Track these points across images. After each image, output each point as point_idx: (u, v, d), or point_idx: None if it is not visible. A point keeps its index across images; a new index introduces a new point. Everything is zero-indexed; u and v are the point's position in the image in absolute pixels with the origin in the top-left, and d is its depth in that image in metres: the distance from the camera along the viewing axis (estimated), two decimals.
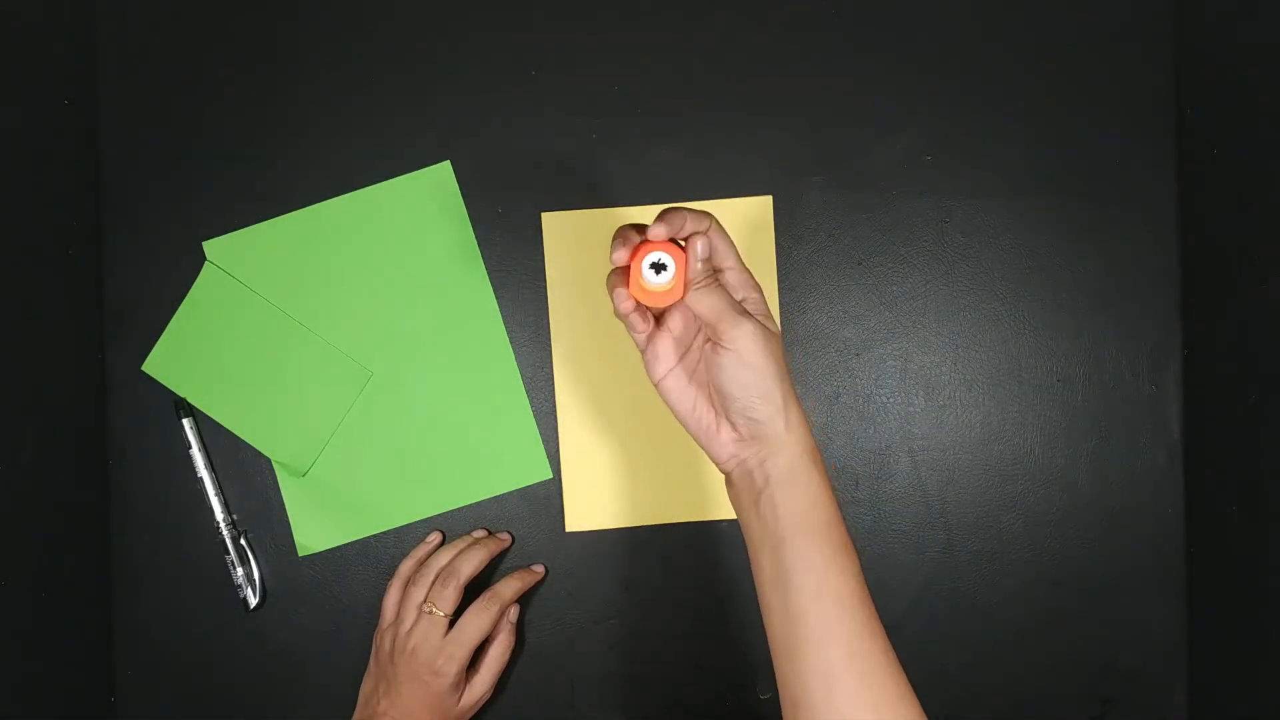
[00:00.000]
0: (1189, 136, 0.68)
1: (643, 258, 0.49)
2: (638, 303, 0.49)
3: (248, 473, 0.70)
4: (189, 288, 0.70)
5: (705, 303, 0.49)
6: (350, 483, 0.70)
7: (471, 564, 0.66)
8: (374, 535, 0.70)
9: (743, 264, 0.51)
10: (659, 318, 0.51)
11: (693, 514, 0.69)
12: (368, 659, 0.68)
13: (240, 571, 0.69)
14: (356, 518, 0.70)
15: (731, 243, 0.51)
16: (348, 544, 0.70)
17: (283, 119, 0.70)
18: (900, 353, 0.70)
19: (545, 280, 0.69)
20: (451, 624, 0.64)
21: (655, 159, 0.69)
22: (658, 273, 0.48)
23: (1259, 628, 0.65)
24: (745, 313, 0.49)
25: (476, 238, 0.70)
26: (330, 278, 0.70)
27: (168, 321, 0.70)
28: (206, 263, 0.68)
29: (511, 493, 0.70)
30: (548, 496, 0.70)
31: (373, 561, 0.70)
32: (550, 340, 0.69)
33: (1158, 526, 0.69)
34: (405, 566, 0.68)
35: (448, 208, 0.70)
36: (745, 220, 0.69)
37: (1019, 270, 0.69)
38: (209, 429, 0.70)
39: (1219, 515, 0.68)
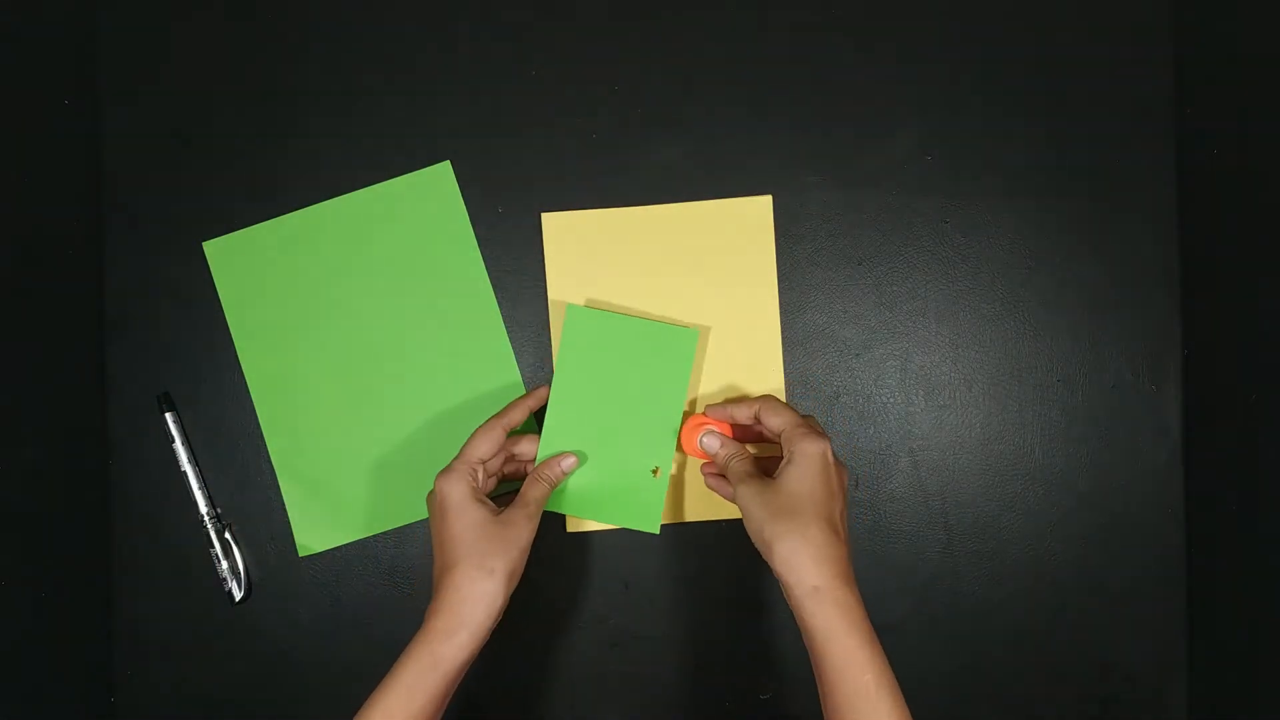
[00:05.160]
0: (1189, 136, 0.68)
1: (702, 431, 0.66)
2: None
3: (248, 472, 0.70)
4: (189, 288, 0.70)
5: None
6: (350, 483, 0.70)
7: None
8: (374, 535, 0.70)
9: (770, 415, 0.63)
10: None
11: (693, 514, 0.69)
12: (367, 659, 0.68)
13: (225, 564, 0.69)
14: (356, 518, 0.70)
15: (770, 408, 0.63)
16: (348, 544, 0.70)
17: (283, 119, 0.70)
18: (900, 353, 0.70)
19: (545, 280, 0.69)
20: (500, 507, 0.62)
21: (655, 159, 0.69)
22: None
23: (1259, 628, 0.65)
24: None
25: (476, 238, 0.70)
26: (330, 278, 0.70)
27: (167, 322, 0.70)
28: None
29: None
30: None
31: (373, 561, 0.70)
32: (550, 340, 0.69)
33: (1158, 526, 0.69)
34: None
35: (448, 208, 0.70)
36: (745, 220, 0.69)
37: (1019, 270, 0.69)
38: (203, 427, 0.70)
39: (1219, 515, 0.68)
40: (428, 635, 0.57)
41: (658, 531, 0.67)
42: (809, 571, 0.55)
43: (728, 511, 0.69)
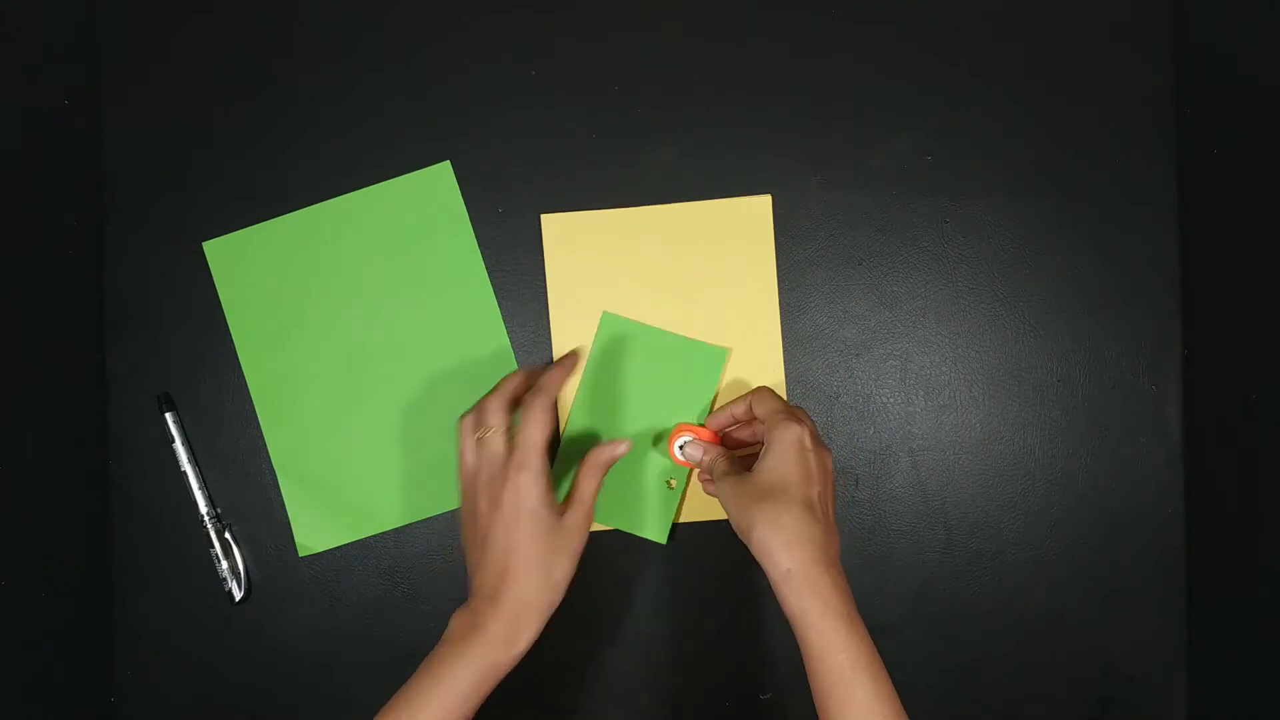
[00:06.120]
0: (1189, 136, 0.68)
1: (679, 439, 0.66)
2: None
3: (248, 472, 0.70)
4: (189, 288, 0.70)
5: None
6: (350, 483, 0.70)
7: (510, 380, 0.63)
8: (374, 535, 0.70)
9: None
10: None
11: (693, 514, 0.69)
12: (367, 659, 0.68)
13: (225, 564, 0.69)
14: (356, 518, 0.70)
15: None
16: (348, 544, 0.70)
17: (283, 119, 0.70)
18: (900, 353, 0.70)
19: (545, 280, 0.69)
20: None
21: (655, 159, 0.69)
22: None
23: (1259, 628, 0.65)
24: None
25: (476, 238, 0.70)
26: (330, 278, 0.70)
27: (167, 322, 0.70)
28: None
29: None
30: None
31: (373, 561, 0.70)
32: (550, 340, 0.69)
33: (1158, 526, 0.69)
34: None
35: (448, 208, 0.70)
36: (745, 220, 0.69)
37: (1019, 270, 0.69)
38: (203, 427, 0.70)
39: (1219, 515, 0.68)
40: (488, 641, 0.56)
41: (665, 542, 0.68)
42: (782, 555, 0.55)
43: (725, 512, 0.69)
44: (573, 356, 0.68)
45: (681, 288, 0.69)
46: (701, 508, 0.69)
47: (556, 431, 0.68)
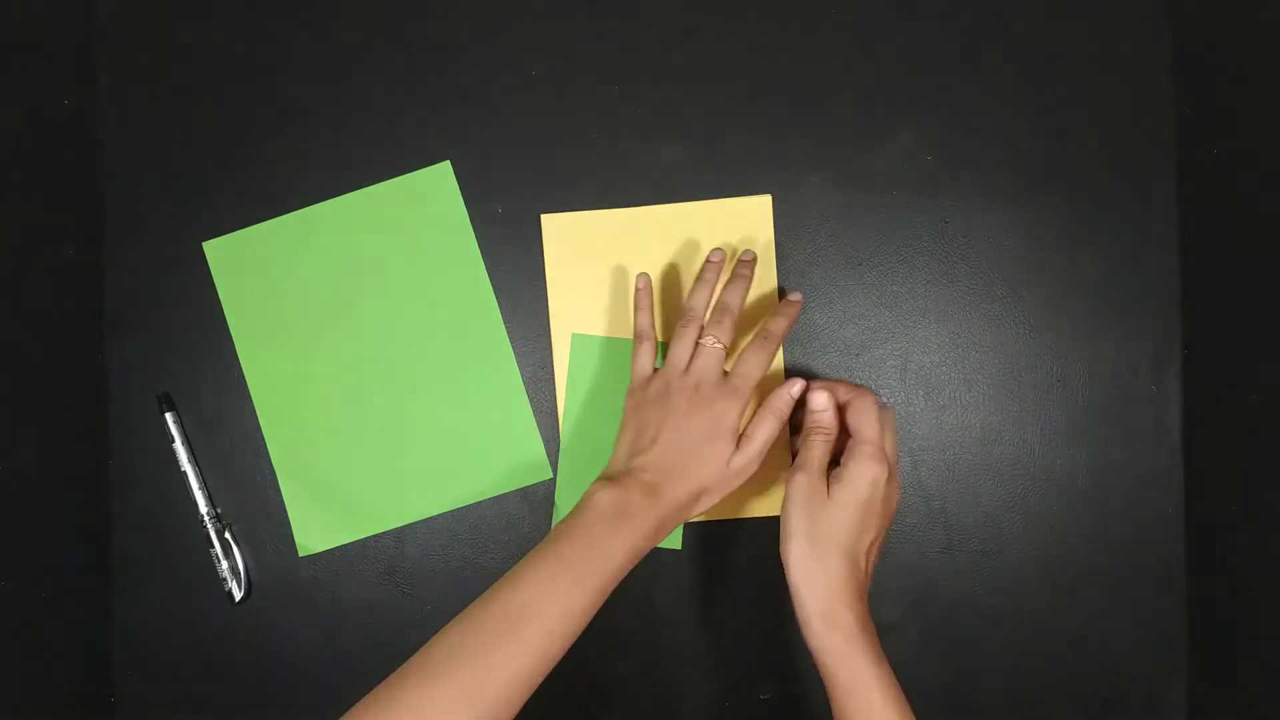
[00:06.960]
0: (1189, 137, 0.69)
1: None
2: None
3: (248, 472, 0.70)
4: (189, 288, 0.70)
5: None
6: (350, 483, 0.70)
7: (738, 294, 0.63)
8: (374, 535, 0.70)
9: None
10: None
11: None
12: (367, 659, 0.68)
13: (225, 564, 0.69)
14: (356, 518, 0.70)
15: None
16: (348, 544, 0.70)
17: (282, 119, 0.70)
18: (900, 353, 0.70)
19: (545, 280, 0.69)
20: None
21: (655, 159, 0.69)
22: None
23: (1259, 629, 0.65)
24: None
25: (476, 238, 0.70)
26: (330, 278, 0.70)
27: (167, 322, 0.70)
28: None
29: (511, 492, 0.70)
30: (547, 497, 0.70)
31: (373, 561, 0.70)
32: (550, 340, 0.69)
33: (1158, 526, 0.69)
34: (639, 320, 0.65)
35: (448, 208, 0.70)
36: (745, 220, 0.69)
37: (1019, 270, 0.69)
38: (203, 427, 0.70)
39: (1219, 516, 0.68)
40: (641, 529, 0.57)
41: (680, 547, 0.68)
42: (818, 597, 0.57)
43: (728, 512, 0.69)
44: (798, 296, 0.66)
45: (682, 288, 0.69)
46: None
47: None
